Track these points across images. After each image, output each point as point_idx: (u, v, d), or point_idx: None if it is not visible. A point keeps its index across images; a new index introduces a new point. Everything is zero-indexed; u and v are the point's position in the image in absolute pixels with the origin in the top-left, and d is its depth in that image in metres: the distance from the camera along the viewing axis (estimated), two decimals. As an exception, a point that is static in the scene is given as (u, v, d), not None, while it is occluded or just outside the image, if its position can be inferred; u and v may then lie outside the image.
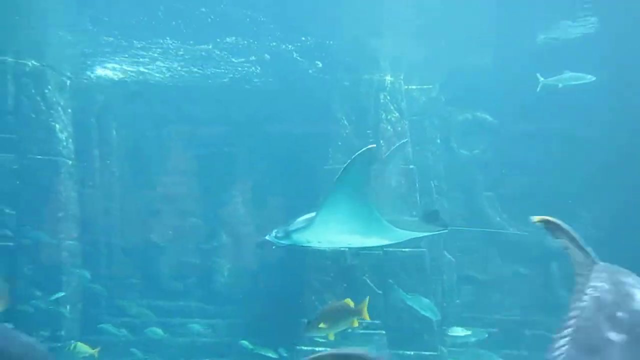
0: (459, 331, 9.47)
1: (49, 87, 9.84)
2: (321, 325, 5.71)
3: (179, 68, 10.70)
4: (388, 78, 10.55)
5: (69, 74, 10.44)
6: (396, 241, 6.81)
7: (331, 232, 6.00)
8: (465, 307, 10.46)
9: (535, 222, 2.00)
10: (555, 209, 10.53)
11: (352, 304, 6.18)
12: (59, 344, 9.20)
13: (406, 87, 10.75)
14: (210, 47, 9.72)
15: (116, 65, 10.52)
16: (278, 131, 11.53)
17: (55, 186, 9.74)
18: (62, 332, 9.42)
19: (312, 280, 9.93)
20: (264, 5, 8.34)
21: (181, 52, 9.93)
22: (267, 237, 6.39)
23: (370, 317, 9.60)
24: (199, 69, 10.74)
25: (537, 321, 9.96)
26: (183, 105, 11.71)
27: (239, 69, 10.70)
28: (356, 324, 6.14)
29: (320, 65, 10.41)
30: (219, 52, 9.98)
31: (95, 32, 9.18)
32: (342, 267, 9.91)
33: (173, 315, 11.00)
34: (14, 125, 9.45)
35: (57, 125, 9.86)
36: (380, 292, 9.77)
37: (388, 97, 10.51)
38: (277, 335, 9.95)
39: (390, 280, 9.75)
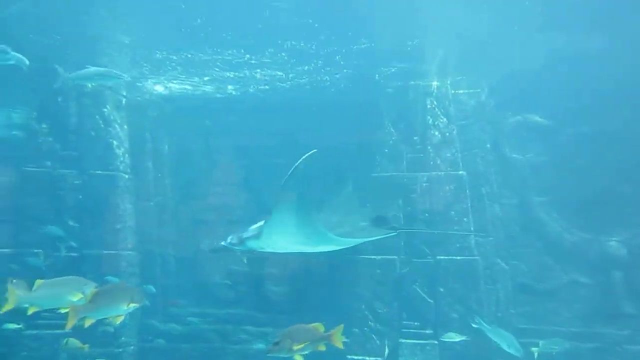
0: (453, 336, 9.18)
1: (107, 106, 10.36)
2: (281, 345, 5.48)
3: (226, 82, 10.99)
4: (435, 83, 10.42)
5: (124, 92, 10.95)
6: (346, 246, 6.98)
7: (278, 241, 6.27)
8: (521, 318, 10.08)
9: None
10: (613, 213, 10.09)
11: (321, 329, 5.85)
12: (120, 350, 9.59)
13: (454, 91, 10.56)
14: (254, 61, 9.92)
15: (167, 82, 10.94)
16: (323, 140, 11.58)
17: (114, 199, 10.20)
18: (123, 338, 9.80)
19: (361, 289, 9.89)
20: (309, 16, 8.39)
21: (227, 67, 10.20)
22: (222, 243, 6.60)
23: (422, 327, 9.51)
24: (244, 83, 10.99)
25: (599, 334, 9.48)
26: (229, 118, 12.00)
27: (285, 80, 10.85)
28: (323, 348, 5.83)
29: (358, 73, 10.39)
30: (265, 63, 10.16)
31: (146, 51, 9.59)
32: (392, 275, 9.83)
33: (225, 322, 11.20)
34: (76, 143, 10.00)
35: (115, 142, 10.36)
36: (431, 301, 9.62)
37: (435, 103, 10.38)
38: (326, 344, 9.95)
39: (442, 289, 9.57)
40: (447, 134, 10.24)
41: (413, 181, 10.10)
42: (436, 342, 9.38)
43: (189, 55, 9.72)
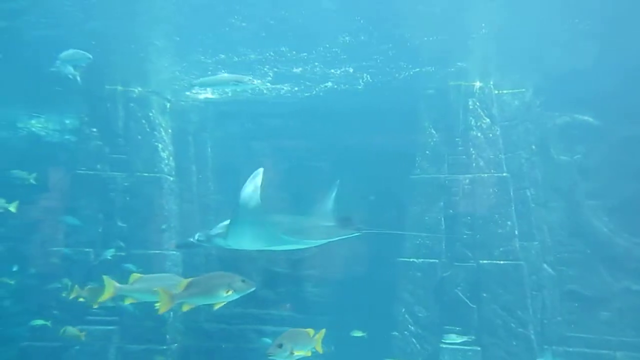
0: (454, 338, 9.06)
1: (153, 110, 10.73)
2: (284, 348, 5.47)
3: (266, 86, 11.12)
4: (477, 84, 10.20)
5: (169, 97, 11.31)
6: (307, 246, 7.59)
7: (241, 241, 6.77)
8: (569, 326, 9.71)
9: None
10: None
11: (312, 332, 5.89)
12: (164, 347, 9.87)
13: (497, 91, 10.31)
14: (295, 67, 10.00)
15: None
16: (363, 143, 11.58)
17: (159, 201, 10.54)
18: (167, 336, 10.09)
19: (402, 292, 9.79)
20: (351, 17, 8.37)
21: (266, 70, 10.32)
22: (191, 239, 6.97)
23: (464, 333, 9.32)
24: (285, 86, 11.09)
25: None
26: (271, 121, 12.16)
27: (325, 82, 10.89)
28: (309, 354, 5.80)
29: (399, 75, 10.27)
30: (306, 66, 10.22)
31: (189, 56, 9.83)
32: (433, 279, 9.69)
33: (265, 323, 11.33)
34: (124, 146, 10.41)
35: (160, 145, 10.70)
36: (474, 306, 9.42)
37: (477, 103, 10.15)
38: (366, 347, 9.92)
39: (485, 294, 9.35)
40: (490, 135, 9.99)
41: (455, 183, 9.90)
42: (479, 348, 9.16)
43: (231, 59, 9.88)
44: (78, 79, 7.72)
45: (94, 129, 10.43)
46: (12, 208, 9.14)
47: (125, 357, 9.53)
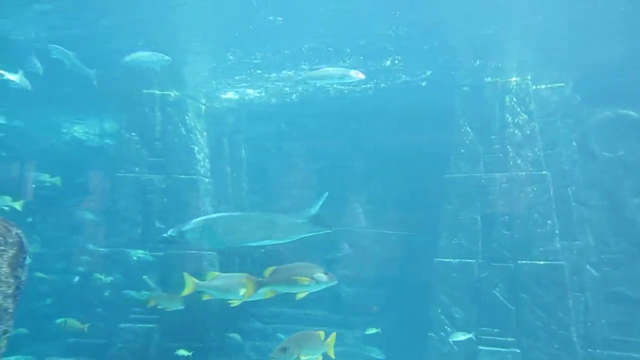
0: (458, 335, 8.93)
1: (189, 114, 10.97)
2: (288, 352, 5.24)
3: (299, 87, 11.17)
4: (514, 79, 9.95)
5: (204, 100, 11.53)
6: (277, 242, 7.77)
7: (208, 240, 7.12)
8: (614, 329, 9.35)
9: None
10: None
11: (322, 336, 5.58)
12: (201, 345, 10.06)
13: (535, 87, 10.02)
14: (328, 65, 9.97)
15: (243, 90, 11.32)
16: (396, 142, 11.48)
17: (195, 202, 10.76)
18: (205, 334, 10.27)
19: (438, 293, 9.66)
20: (385, 17, 8.28)
21: (302, 71, 10.34)
22: (164, 235, 7.30)
23: (503, 335, 9.12)
24: (315, 87, 11.10)
25: None
26: (304, 122, 12.23)
27: (357, 83, 10.84)
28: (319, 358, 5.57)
29: (428, 73, 10.09)
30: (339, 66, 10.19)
31: (225, 61, 9.96)
32: (470, 280, 9.52)
33: (301, 322, 11.40)
34: (161, 149, 10.69)
35: (196, 148, 10.93)
36: (512, 307, 9.20)
37: (514, 100, 9.91)
38: (402, 348, 9.85)
39: (524, 296, 9.12)
40: (528, 132, 9.73)
41: (491, 182, 9.70)
42: (518, 350, 8.95)
43: (263, 61, 9.96)
44: (94, 82, 7.88)
45: (133, 133, 10.74)
46: (18, 206, 9.39)
47: (165, 355, 9.75)
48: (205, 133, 11.34)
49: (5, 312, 3.45)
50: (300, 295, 5.82)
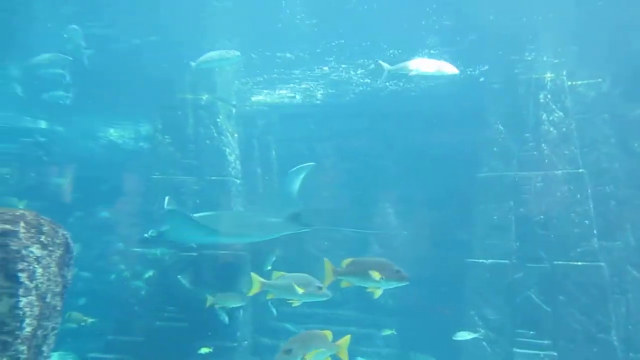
0: (464, 335, 8.80)
1: (220, 116, 11.15)
2: (293, 353, 5.03)
3: (330, 87, 11.21)
4: (548, 75, 9.71)
5: (234, 103, 11.69)
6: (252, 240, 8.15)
7: (184, 237, 7.57)
8: (658, 332, 9.01)
9: None
10: None
11: (330, 336, 5.28)
12: (235, 344, 10.21)
13: (570, 83, 9.75)
14: (358, 70, 9.98)
15: (273, 92, 11.47)
16: (426, 141, 11.37)
17: (227, 203, 10.92)
18: (238, 333, 10.42)
19: (470, 294, 9.52)
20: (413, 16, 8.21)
21: (331, 72, 10.40)
22: (145, 235, 7.60)
23: (539, 337, 8.91)
24: (347, 86, 11.13)
25: None
26: (332, 122, 12.25)
27: (387, 82, 10.80)
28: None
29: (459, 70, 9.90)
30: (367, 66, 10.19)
31: (254, 63, 10.11)
32: (504, 281, 9.34)
33: (332, 323, 11.41)
34: (194, 152, 10.89)
35: (227, 149, 11.10)
36: (549, 309, 8.97)
37: (549, 96, 9.67)
38: (434, 350, 9.75)
39: (561, 297, 8.88)
40: (564, 129, 9.48)
41: (526, 181, 9.49)
42: (555, 353, 8.71)
43: (298, 60, 10.02)
44: (86, 61, 7.88)
45: (167, 136, 10.99)
46: (21, 206, 9.71)
47: (197, 353, 9.94)
48: (236, 135, 11.50)
49: (54, 309, 3.62)
50: (376, 294, 5.80)
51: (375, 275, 5.50)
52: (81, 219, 12.89)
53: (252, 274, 6.29)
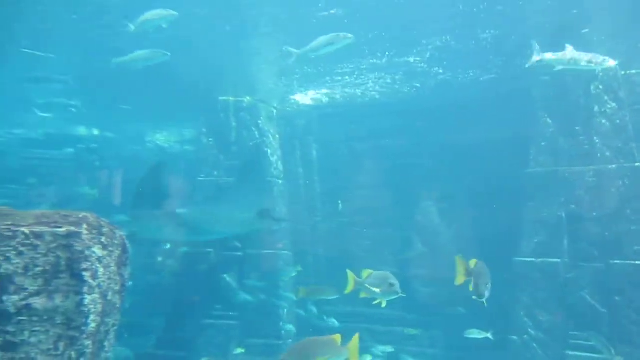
0: (475, 333, 8.73)
1: (262, 118, 11.32)
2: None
3: (368, 86, 11.14)
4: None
5: (275, 104, 11.83)
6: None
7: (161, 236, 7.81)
8: None
9: None
10: None
11: (338, 340, 4.76)
12: (280, 342, 10.35)
13: (624, 72, 9.31)
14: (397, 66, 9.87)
15: (313, 92, 11.51)
16: (469, 138, 11.13)
17: (270, 203, 11.03)
18: (282, 332, 10.56)
19: (521, 295, 9.26)
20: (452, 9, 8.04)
21: (369, 71, 10.33)
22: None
23: (592, 339, 8.55)
24: (385, 85, 11.03)
25: None
26: (372, 121, 12.18)
27: (425, 79, 10.66)
28: None
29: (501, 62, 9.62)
30: (407, 63, 10.07)
31: (294, 65, 10.14)
32: (555, 281, 9.03)
33: (375, 322, 11.38)
34: (237, 153, 11.10)
35: (269, 150, 11.25)
36: (604, 310, 8.61)
37: (601, 87, 9.26)
38: (481, 351, 9.54)
39: (617, 298, 8.50)
40: (618, 122, 9.06)
41: (577, 176, 9.13)
42: (613, 356, 8.36)
43: (332, 63, 10.04)
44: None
45: (211, 139, 11.25)
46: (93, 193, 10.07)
47: (245, 350, 10.14)
48: (277, 136, 11.64)
49: (114, 307, 3.80)
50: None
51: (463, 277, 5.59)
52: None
53: (348, 271, 6.26)
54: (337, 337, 4.72)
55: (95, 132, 13.48)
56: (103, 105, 10.30)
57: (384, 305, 6.19)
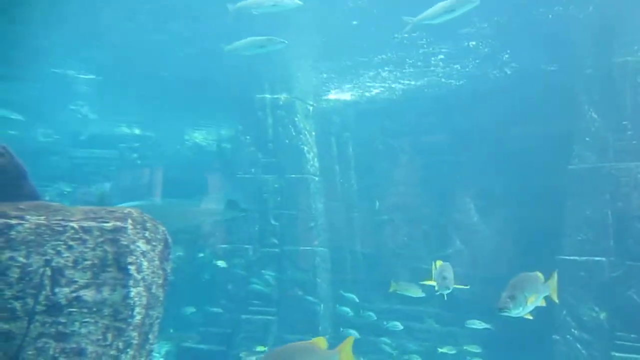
0: (476, 323, 8.65)
1: (298, 115, 11.42)
2: None
3: (403, 82, 11.05)
4: (647, 57, 8.88)
5: (311, 101, 11.89)
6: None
7: None
8: None
9: None
10: None
11: (324, 344, 4.17)
12: (316, 337, 10.42)
13: (675, 64, 8.85)
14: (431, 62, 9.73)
15: (348, 88, 11.50)
16: (509, 133, 10.87)
17: (306, 200, 11.17)
18: (319, 327, 10.64)
19: (563, 293, 8.98)
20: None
21: (403, 67, 10.23)
22: None
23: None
24: (421, 80, 10.90)
25: None
26: (408, 117, 12.06)
27: (462, 74, 10.46)
28: None
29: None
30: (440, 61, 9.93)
31: (329, 62, 10.17)
32: (600, 279, 8.73)
33: (412, 319, 11.30)
34: (273, 150, 11.26)
35: (305, 148, 11.34)
36: (653, 310, 8.27)
37: (649, 79, 8.84)
38: (523, 351, 9.33)
39: (667, 298, 8.14)
40: (667, 115, 8.65)
41: (624, 173, 8.78)
42: (663, 359, 8.02)
43: (367, 60, 10.00)
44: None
45: (248, 137, 11.44)
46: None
47: (282, 344, 10.28)
48: (313, 133, 11.71)
49: (158, 300, 3.94)
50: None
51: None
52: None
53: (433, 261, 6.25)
54: (322, 341, 4.17)
55: (137, 131, 13.94)
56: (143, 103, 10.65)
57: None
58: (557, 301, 5.36)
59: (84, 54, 10.04)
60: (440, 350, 10.42)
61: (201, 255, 11.38)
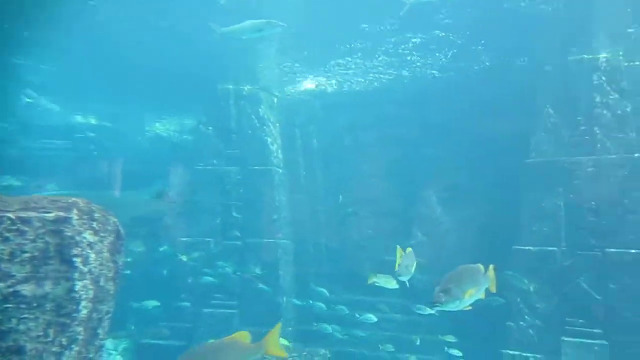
0: (424, 308, 8.99)
1: (262, 106, 11.30)
2: None
3: (372, 74, 11.07)
4: (603, 56, 9.19)
5: (276, 92, 11.78)
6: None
7: None
8: None
9: None
10: None
11: (246, 339, 4.34)
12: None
13: (627, 63, 9.19)
14: (400, 51, 9.79)
15: (314, 79, 11.45)
16: (473, 127, 11.08)
17: (269, 192, 11.10)
18: (282, 319, 10.58)
19: (516, 282, 9.29)
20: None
21: (373, 59, 10.26)
22: None
23: (588, 326, 8.61)
24: (391, 73, 10.95)
25: None
26: (377, 110, 12.09)
27: (429, 67, 10.58)
28: None
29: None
30: (408, 53, 10.00)
31: (295, 52, 10.09)
32: (551, 268, 9.07)
33: (376, 310, 11.38)
34: (237, 142, 11.11)
35: (269, 139, 11.25)
36: (599, 297, 8.65)
37: (603, 78, 9.17)
38: (479, 337, 9.58)
39: (613, 286, 8.54)
40: (619, 112, 9.00)
41: (576, 166, 9.10)
42: (606, 342, 8.41)
43: (333, 50, 9.95)
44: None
45: (210, 127, 11.25)
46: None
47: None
48: (277, 124, 11.62)
49: (108, 293, 3.83)
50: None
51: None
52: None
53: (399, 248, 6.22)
54: (244, 335, 4.24)
55: (93, 121, 13.48)
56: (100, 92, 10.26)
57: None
58: (494, 291, 5.39)
59: (38, 40, 9.63)
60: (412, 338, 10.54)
61: (161, 248, 11.13)
